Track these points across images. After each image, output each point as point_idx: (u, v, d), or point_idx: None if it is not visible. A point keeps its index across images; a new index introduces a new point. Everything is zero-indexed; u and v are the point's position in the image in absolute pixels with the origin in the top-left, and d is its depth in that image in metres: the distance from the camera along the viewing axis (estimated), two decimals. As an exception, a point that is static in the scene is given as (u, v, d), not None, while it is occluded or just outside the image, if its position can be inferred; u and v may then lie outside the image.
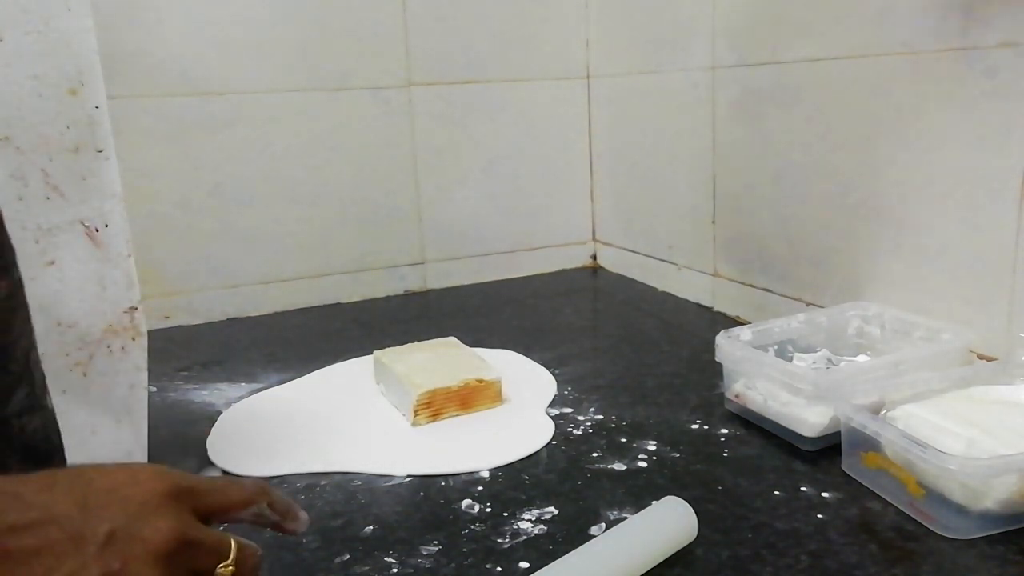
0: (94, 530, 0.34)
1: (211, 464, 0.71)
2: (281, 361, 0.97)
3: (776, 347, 0.79)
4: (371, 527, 0.60)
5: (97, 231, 0.66)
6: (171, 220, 1.11)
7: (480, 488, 0.65)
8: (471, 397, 0.79)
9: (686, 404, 0.79)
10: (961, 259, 0.76)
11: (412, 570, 0.54)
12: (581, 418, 0.77)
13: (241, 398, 0.85)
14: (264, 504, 0.43)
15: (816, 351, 0.79)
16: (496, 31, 1.28)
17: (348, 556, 0.56)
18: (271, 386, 0.89)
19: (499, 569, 0.54)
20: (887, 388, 0.66)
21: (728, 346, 0.76)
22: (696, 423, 0.75)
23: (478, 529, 0.59)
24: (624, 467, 0.67)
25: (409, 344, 0.90)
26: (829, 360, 0.77)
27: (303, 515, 0.45)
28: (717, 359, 0.77)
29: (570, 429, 0.75)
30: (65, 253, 0.65)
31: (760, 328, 0.80)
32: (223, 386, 0.89)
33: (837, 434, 0.66)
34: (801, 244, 0.95)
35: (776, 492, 0.62)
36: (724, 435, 0.72)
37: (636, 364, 0.92)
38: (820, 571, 0.52)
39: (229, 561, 0.40)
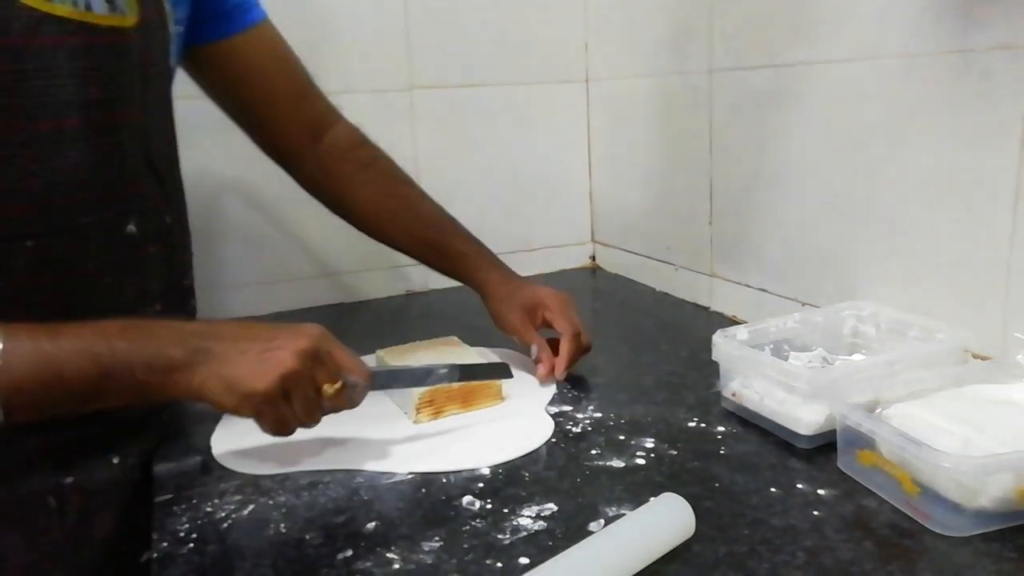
0: (269, 334, 0.60)
1: (215, 462, 0.71)
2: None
3: (772, 346, 0.79)
4: (373, 523, 0.60)
5: (102, 231, 0.66)
6: (173, 221, 1.12)
7: (481, 485, 0.65)
8: (472, 395, 0.79)
9: (684, 402, 0.80)
10: (956, 259, 0.77)
11: (414, 565, 0.55)
12: (580, 416, 0.78)
13: (244, 397, 0.86)
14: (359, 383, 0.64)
15: (812, 350, 0.79)
16: (496, 35, 1.28)
17: (351, 552, 0.57)
18: (273, 385, 0.89)
19: (499, 564, 0.54)
20: (882, 387, 0.66)
21: (725, 345, 0.76)
22: (693, 421, 0.76)
23: (479, 525, 0.59)
24: (623, 464, 0.68)
25: (411, 343, 0.91)
26: (825, 359, 0.78)
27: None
28: (714, 358, 0.77)
29: (569, 427, 0.76)
30: (70, 253, 0.65)
31: (756, 327, 0.80)
32: (226, 385, 0.89)
33: (833, 432, 0.66)
34: (797, 245, 0.96)
35: (772, 489, 0.63)
36: (721, 433, 0.73)
37: (634, 363, 0.93)
38: (816, 567, 0.52)
39: (337, 385, 0.61)
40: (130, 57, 0.65)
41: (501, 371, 0.79)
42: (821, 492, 0.62)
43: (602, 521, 0.59)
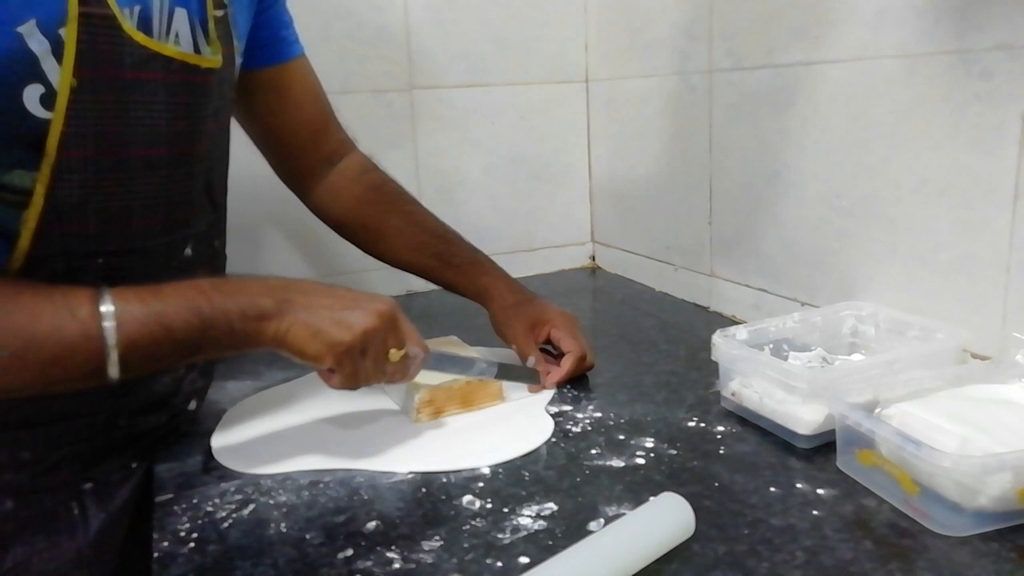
0: (350, 296, 0.66)
1: (216, 461, 0.71)
2: (285, 359, 0.96)
3: (772, 346, 0.80)
4: (374, 523, 0.60)
5: (103, 231, 0.66)
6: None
7: (481, 484, 0.65)
8: (472, 395, 0.79)
9: (683, 402, 0.80)
10: (955, 259, 0.77)
11: (414, 565, 0.55)
12: (580, 415, 0.78)
13: (245, 396, 0.86)
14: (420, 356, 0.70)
15: (811, 350, 0.79)
16: (496, 35, 1.28)
17: (351, 551, 0.57)
18: (275, 384, 0.89)
19: (499, 564, 0.54)
20: (881, 386, 0.67)
21: (724, 345, 0.76)
22: (693, 420, 0.76)
23: (479, 525, 0.59)
24: (622, 464, 0.68)
25: (410, 343, 0.90)
26: (824, 359, 0.78)
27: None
28: (713, 358, 0.77)
29: (569, 426, 0.76)
30: (72, 253, 0.65)
31: (756, 327, 0.80)
32: (227, 384, 0.89)
33: (832, 432, 0.66)
34: (796, 245, 0.96)
35: (772, 489, 0.63)
36: (720, 432, 0.73)
37: (634, 363, 0.93)
38: (815, 567, 0.53)
39: (401, 351, 0.67)
40: (212, 93, 0.69)
41: (531, 375, 0.84)
42: (820, 492, 0.62)
43: (602, 520, 0.59)
